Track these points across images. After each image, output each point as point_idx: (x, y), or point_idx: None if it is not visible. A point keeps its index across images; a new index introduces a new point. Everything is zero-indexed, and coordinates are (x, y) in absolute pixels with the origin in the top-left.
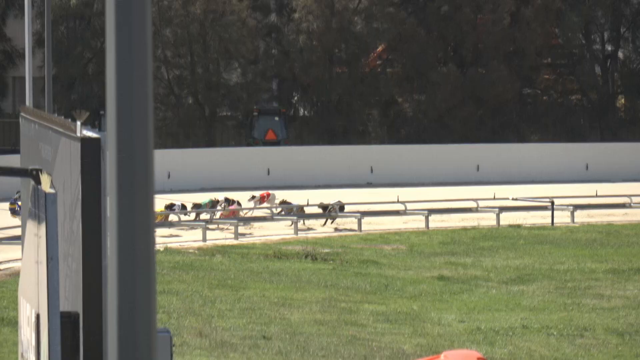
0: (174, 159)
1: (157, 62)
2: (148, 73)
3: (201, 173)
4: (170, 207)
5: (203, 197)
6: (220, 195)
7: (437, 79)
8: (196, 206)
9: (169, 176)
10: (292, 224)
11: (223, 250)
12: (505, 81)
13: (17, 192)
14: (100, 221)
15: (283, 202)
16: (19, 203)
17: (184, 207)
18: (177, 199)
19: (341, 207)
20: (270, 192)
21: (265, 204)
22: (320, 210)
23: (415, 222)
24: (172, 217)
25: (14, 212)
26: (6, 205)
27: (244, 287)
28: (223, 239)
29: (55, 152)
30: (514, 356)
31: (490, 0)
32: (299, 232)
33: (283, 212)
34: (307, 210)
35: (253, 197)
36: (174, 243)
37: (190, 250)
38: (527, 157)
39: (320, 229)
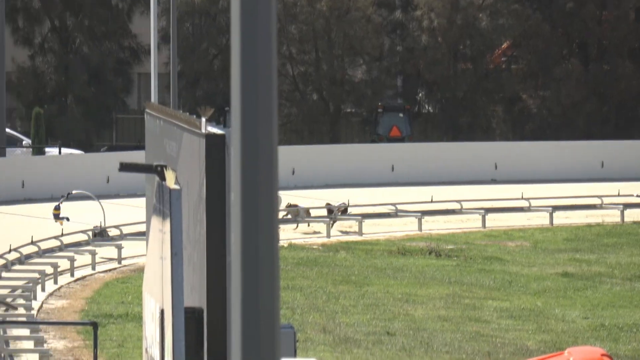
0: (298, 155)
1: (282, 58)
2: (273, 69)
3: (325, 169)
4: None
5: (328, 194)
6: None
7: (562, 75)
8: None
9: (293, 172)
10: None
11: (347, 246)
12: (630, 77)
13: (62, 197)
14: (224, 217)
15: (290, 206)
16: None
17: None
18: (302, 195)
19: (344, 210)
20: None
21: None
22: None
23: (539, 219)
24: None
25: (57, 217)
26: (127, 200)
27: (367, 283)
28: (347, 235)
29: (179, 148)
30: (638, 353)
31: None
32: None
33: (289, 216)
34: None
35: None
36: (298, 239)
37: (315, 247)
38: None
39: (325, 231)
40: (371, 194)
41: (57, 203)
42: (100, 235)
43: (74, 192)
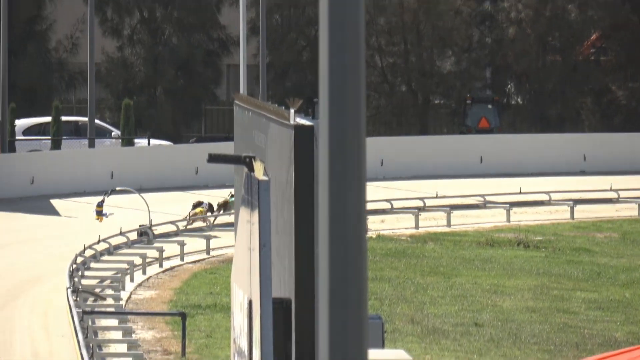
0: (387, 146)
1: (370, 50)
2: (361, 61)
3: (413, 161)
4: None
5: (416, 186)
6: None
7: None
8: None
9: (381, 164)
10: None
11: (435, 237)
12: None
13: (104, 194)
14: (312, 208)
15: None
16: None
17: (210, 207)
18: (390, 186)
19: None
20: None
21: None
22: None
23: (628, 210)
24: None
25: (99, 214)
26: (216, 192)
27: (455, 274)
28: (435, 226)
29: (268, 139)
30: None
31: None
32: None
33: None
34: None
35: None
36: (386, 230)
37: (403, 238)
38: None
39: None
40: (459, 185)
41: (100, 199)
42: (145, 234)
43: (117, 188)
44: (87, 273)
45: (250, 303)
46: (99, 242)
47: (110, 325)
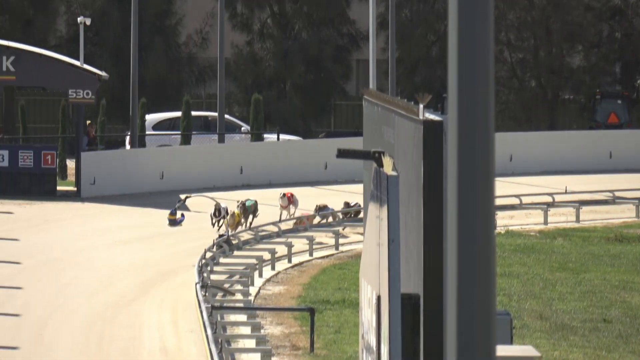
0: (516, 142)
1: (499, 45)
2: (490, 56)
3: (542, 156)
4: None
5: (545, 181)
6: None
7: None
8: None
9: (510, 159)
10: None
11: (564, 233)
12: None
13: (178, 202)
14: (441, 204)
15: (320, 208)
16: (180, 213)
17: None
18: (518, 182)
19: (357, 212)
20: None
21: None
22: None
23: None
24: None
25: (173, 223)
26: (345, 187)
27: (584, 270)
28: (564, 222)
29: (397, 134)
30: None
31: None
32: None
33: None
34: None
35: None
36: (515, 226)
37: (532, 233)
38: None
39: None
40: (588, 181)
41: (173, 209)
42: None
43: (192, 195)
44: (216, 268)
45: (378, 299)
46: (228, 237)
47: (239, 320)
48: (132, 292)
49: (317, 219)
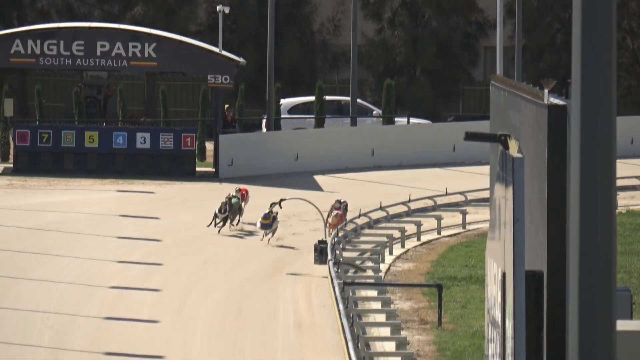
0: (637, 125)
1: (621, 32)
2: (612, 43)
3: None
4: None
5: None
6: None
7: None
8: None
9: (632, 142)
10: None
11: None
12: None
13: (272, 205)
14: (564, 184)
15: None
16: (273, 217)
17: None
18: (639, 164)
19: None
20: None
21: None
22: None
23: None
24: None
25: (265, 227)
26: (472, 168)
27: None
28: None
29: (522, 118)
30: None
31: None
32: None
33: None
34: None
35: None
36: (635, 206)
37: None
38: None
39: None
40: None
41: (267, 212)
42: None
43: (287, 198)
44: (347, 246)
45: (504, 275)
46: (359, 216)
47: (370, 295)
48: (267, 269)
49: (446, 199)
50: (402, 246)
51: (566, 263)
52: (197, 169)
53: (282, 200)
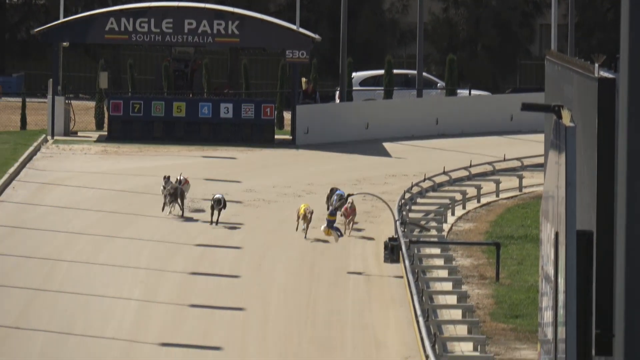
0: None
1: None
2: None
3: None
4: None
5: None
6: None
7: None
8: None
9: None
10: None
11: None
12: None
13: (339, 199)
14: (613, 151)
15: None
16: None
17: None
18: None
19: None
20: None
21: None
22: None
23: None
24: None
25: (330, 224)
26: (528, 136)
27: None
28: None
29: (575, 90)
30: None
31: None
32: None
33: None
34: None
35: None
36: None
37: None
38: None
39: None
40: None
41: (332, 208)
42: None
43: (355, 194)
44: (413, 207)
45: (556, 235)
46: (424, 180)
47: (434, 253)
48: (339, 227)
49: (504, 164)
50: (464, 208)
51: (614, 224)
52: (276, 136)
53: (349, 195)
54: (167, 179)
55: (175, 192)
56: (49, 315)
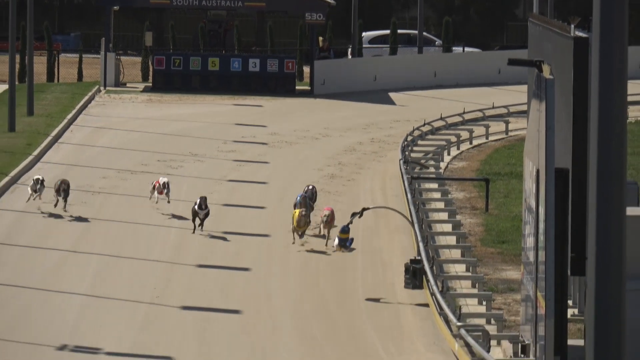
0: None
1: None
2: None
3: None
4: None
5: None
6: None
7: None
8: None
9: (639, 66)
10: None
11: None
12: None
13: (352, 216)
14: (587, 99)
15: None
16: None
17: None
18: None
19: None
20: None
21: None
22: None
23: None
24: None
25: (342, 242)
26: (513, 87)
27: None
28: None
29: (553, 48)
30: None
31: None
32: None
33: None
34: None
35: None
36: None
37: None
38: None
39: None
40: None
41: (345, 224)
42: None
43: (370, 207)
44: (415, 148)
45: (537, 172)
46: (424, 124)
47: (432, 187)
48: (350, 167)
49: (493, 111)
50: (458, 149)
51: (587, 162)
52: (296, 87)
53: (364, 209)
54: None
55: None
56: (102, 241)
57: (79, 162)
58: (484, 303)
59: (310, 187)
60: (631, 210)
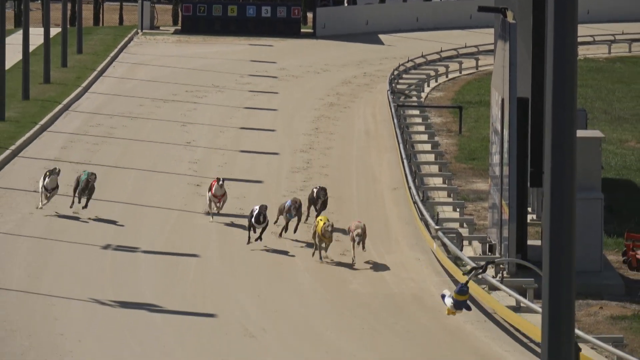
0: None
1: None
2: None
3: (609, 9)
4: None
5: (611, 27)
6: None
7: None
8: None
9: (587, 12)
10: None
11: (621, 59)
12: None
13: (469, 272)
14: (544, 38)
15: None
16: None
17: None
18: (592, 27)
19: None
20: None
21: None
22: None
23: None
24: None
25: (459, 306)
26: (483, 30)
27: (634, 82)
28: (622, 51)
29: None
30: None
31: None
32: None
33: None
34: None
35: None
36: (589, 54)
37: (600, 60)
38: None
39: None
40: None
41: (463, 283)
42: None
43: (496, 260)
44: (400, 81)
45: (502, 100)
46: (408, 61)
47: (414, 114)
48: (346, 96)
49: (465, 50)
50: (436, 81)
51: (544, 92)
52: (301, 30)
53: (488, 263)
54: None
55: None
56: (139, 158)
57: (120, 92)
58: (458, 210)
59: (317, 188)
60: (581, 132)
